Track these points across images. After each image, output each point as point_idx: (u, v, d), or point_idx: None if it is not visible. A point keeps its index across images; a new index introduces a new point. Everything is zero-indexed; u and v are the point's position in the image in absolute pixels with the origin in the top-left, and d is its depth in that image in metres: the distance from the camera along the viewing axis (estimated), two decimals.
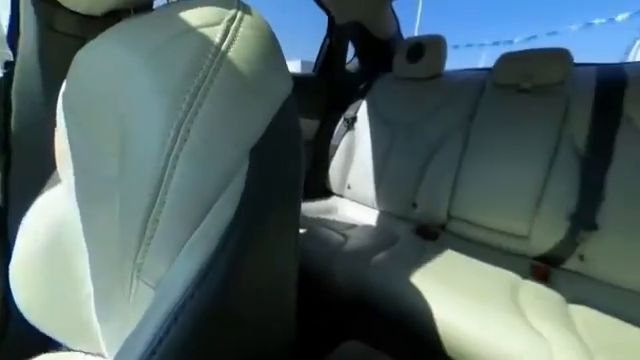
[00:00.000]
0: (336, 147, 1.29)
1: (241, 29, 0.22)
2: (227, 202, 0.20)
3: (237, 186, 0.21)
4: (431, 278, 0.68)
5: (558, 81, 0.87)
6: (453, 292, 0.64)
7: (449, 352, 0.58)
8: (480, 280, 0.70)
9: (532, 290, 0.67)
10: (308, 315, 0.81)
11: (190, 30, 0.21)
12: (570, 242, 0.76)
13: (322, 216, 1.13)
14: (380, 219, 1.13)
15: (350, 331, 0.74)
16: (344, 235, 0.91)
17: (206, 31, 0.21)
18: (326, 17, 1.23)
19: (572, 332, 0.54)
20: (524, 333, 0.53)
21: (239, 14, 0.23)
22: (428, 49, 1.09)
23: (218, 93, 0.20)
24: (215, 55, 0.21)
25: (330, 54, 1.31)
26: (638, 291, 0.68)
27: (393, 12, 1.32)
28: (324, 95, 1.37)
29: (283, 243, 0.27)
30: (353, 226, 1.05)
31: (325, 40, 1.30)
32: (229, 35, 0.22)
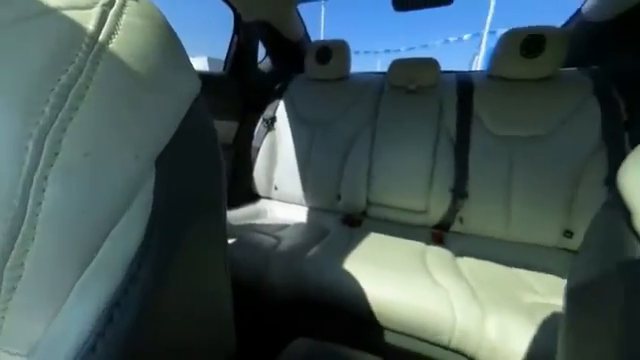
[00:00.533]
0: (258, 149, 1.26)
1: (125, 16, 0.19)
2: (132, 223, 0.17)
3: (143, 203, 0.18)
4: (359, 261, 0.76)
5: (432, 84, 1.10)
6: (378, 269, 0.72)
7: (383, 322, 0.66)
8: (397, 253, 0.82)
9: (434, 253, 0.83)
10: (252, 324, 0.77)
11: (49, 11, 0.16)
12: (453, 210, 0.98)
13: (251, 221, 1.09)
14: (310, 215, 1.17)
15: (297, 329, 0.74)
16: (276, 237, 0.90)
17: (73, 15, 0.17)
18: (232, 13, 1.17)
19: (461, 278, 0.70)
20: (431, 288, 0.65)
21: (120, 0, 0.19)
22: (335, 52, 1.18)
23: (100, 93, 0.16)
24: (90, 46, 0.16)
25: (240, 53, 1.25)
26: (499, 238, 0.94)
27: (299, 16, 1.37)
28: (239, 95, 1.31)
29: (210, 258, 0.25)
30: (285, 226, 1.05)
31: (233, 38, 1.24)
32: (107, 22, 0.18)
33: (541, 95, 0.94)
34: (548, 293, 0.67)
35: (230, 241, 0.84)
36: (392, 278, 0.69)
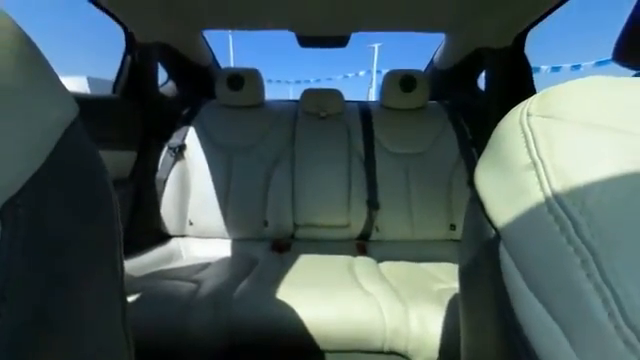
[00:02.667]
0: (165, 181, 1.09)
1: None
2: None
3: None
4: (293, 286, 0.74)
5: (339, 111, 1.24)
6: (312, 289, 0.72)
7: (323, 345, 0.65)
8: (328, 270, 0.84)
9: (361, 263, 0.90)
10: None
11: None
12: (369, 220, 1.09)
13: (162, 267, 0.91)
14: (235, 247, 1.08)
15: None
16: (195, 281, 0.78)
17: None
18: (120, 31, 1.03)
19: (384, 281, 0.78)
20: (362, 297, 0.69)
21: None
22: (247, 80, 1.19)
23: None
24: None
25: (135, 74, 1.10)
26: (407, 240, 1.10)
27: (206, 41, 1.33)
28: (136, 121, 1.12)
29: (101, 325, 0.20)
30: (205, 266, 0.92)
31: (125, 58, 1.08)
32: None
33: (418, 121, 1.20)
34: (450, 279, 0.81)
35: (133, 297, 0.67)
36: (326, 297, 0.69)
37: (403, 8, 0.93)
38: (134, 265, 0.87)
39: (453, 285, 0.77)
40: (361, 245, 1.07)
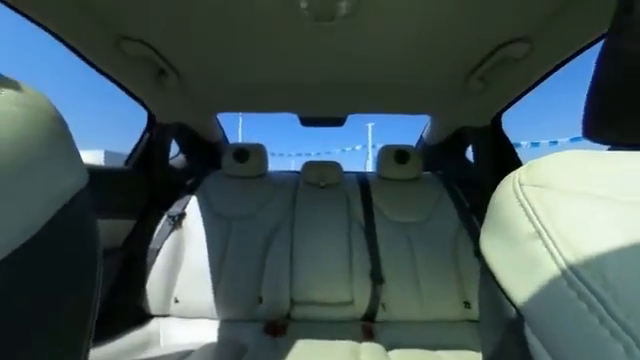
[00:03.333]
0: (157, 251, 1.05)
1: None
2: None
3: None
4: None
5: (338, 182, 1.29)
6: None
7: None
8: (329, 358, 0.71)
9: (367, 350, 0.77)
10: None
11: None
12: (374, 296, 1.00)
13: (137, 357, 0.78)
14: (223, 330, 0.94)
15: None
16: None
17: None
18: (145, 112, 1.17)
19: None
20: None
21: None
22: (252, 153, 1.28)
23: None
24: None
25: (150, 148, 1.19)
26: (417, 320, 0.97)
27: (218, 122, 1.49)
28: (141, 191, 1.16)
29: None
30: (186, 355, 0.79)
31: (144, 135, 1.20)
32: None
33: (415, 190, 1.24)
34: None
35: None
36: None
37: (391, 95, 1.09)
38: (105, 352, 0.75)
39: None
40: (367, 328, 0.94)
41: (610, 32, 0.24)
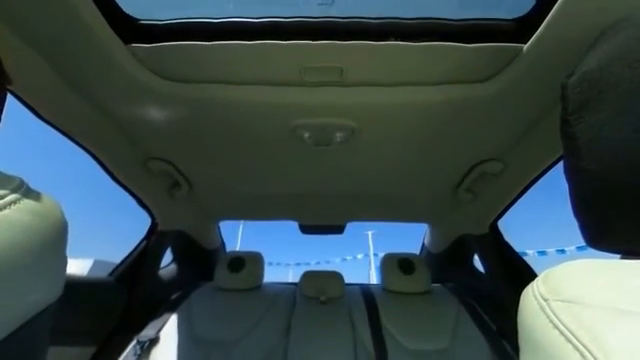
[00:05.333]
0: None
1: (9, 212, 0.18)
2: None
3: None
4: None
5: (340, 295, 1.16)
6: None
7: None
8: None
9: None
10: None
11: None
12: None
13: None
14: None
15: None
16: None
17: None
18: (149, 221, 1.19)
19: None
20: None
21: (13, 196, 0.19)
22: (248, 262, 1.22)
23: None
24: None
25: (142, 257, 1.13)
26: None
27: (219, 229, 1.50)
28: (115, 309, 1.01)
29: None
30: None
31: (141, 243, 1.17)
32: None
33: (428, 307, 1.09)
34: None
35: None
36: None
37: (388, 204, 1.15)
38: None
39: None
40: None
41: (565, 155, 0.29)
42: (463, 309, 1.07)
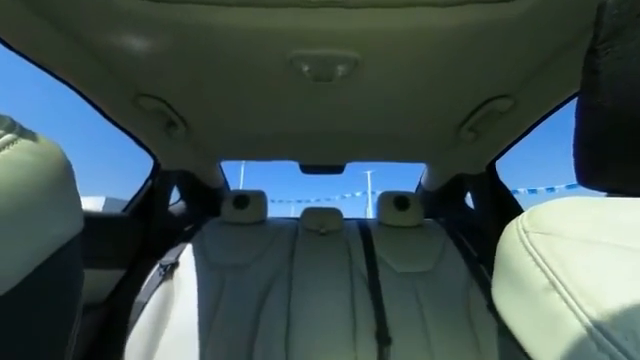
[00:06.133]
0: (143, 305, 0.96)
1: (8, 152, 0.18)
2: None
3: None
4: None
5: (338, 229, 1.27)
6: None
7: None
8: None
9: None
10: None
11: None
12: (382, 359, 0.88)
13: None
14: None
15: None
16: None
17: None
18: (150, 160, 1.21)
19: None
20: None
21: (10, 136, 0.19)
22: (252, 199, 1.29)
23: None
24: None
25: (151, 195, 1.20)
26: None
27: (221, 169, 1.54)
28: (136, 239, 1.13)
29: None
30: None
31: (147, 182, 1.22)
32: None
33: (418, 238, 1.21)
34: None
35: None
36: None
37: (388, 144, 1.14)
38: None
39: None
40: None
41: (582, 91, 0.27)
42: (450, 240, 1.18)
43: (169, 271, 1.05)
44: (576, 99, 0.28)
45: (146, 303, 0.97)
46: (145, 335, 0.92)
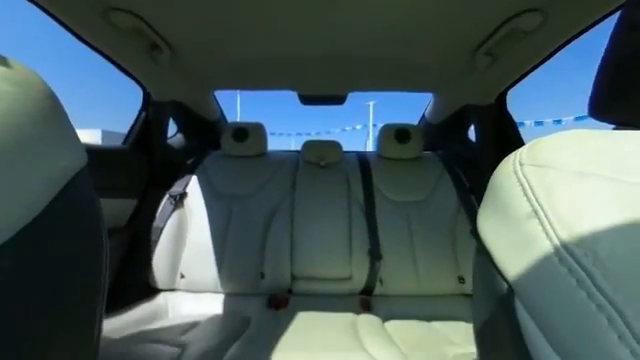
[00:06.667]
0: (161, 229, 1.07)
1: None
2: None
3: None
4: (289, 350, 0.66)
5: (338, 161, 1.29)
6: (311, 354, 0.64)
7: None
8: (329, 330, 0.76)
9: (364, 322, 0.82)
10: None
11: None
12: (373, 272, 1.03)
13: (146, 327, 0.83)
14: (228, 303, 0.99)
15: None
16: (180, 344, 0.70)
17: None
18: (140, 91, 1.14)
19: (392, 345, 0.69)
20: None
21: None
22: (251, 132, 1.27)
23: None
24: None
25: (147, 128, 1.18)
26: (413, 295, 1.02)
27: (215, 100, 1.46)
28: (142, 171, 1.16)
29: None
30: (192, 326, 0.84)
31: (140, 114, 1.17)
32: None
33: (415, 170, 1.24)
34: (465, 342, 0.73)
35: None
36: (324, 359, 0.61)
37: (393, 71, 1.05)
38: (115, 324, 0.79)
39: (469, 350, 0.69)
40: (364, 301, 0.99)
41: (627, 4, 0.23)
42: (446, 172, 1.22)
43: (179, 201, 1.13)
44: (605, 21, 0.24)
45: (163, 227, 1.07)
46: (168, 251, 1.05)
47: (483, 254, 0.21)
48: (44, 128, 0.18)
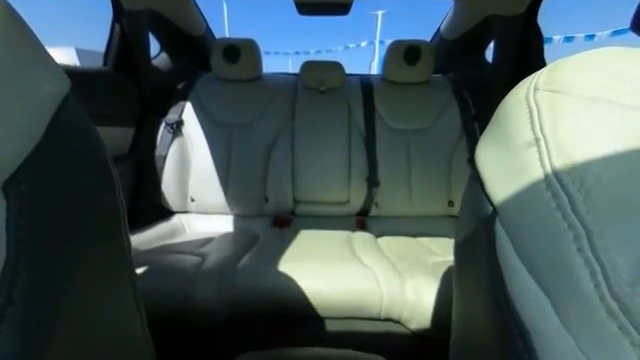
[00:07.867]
0: (164, 157, 1.09)
1: None
2: None
3: None
4: (294, 260, 0.77)
5: (340, 86, 1.20)
6: (312, 263, 0.75)
7: (323, 313, 0.69)
8: (328, 245, 0.87)
9: (359, 238, 0.92)
10: (187, 353, 0.68)
11: None
12: (369, 196, 1.11)
13: (167, 242, 0.94)
14: (237, 223, 1.10)
15: (238, 346, 0.69)
16: (200, 254, 0.81)
17: None
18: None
19: (382, 256, 0.80)
20: (360, 271, 0.72)
21: None
22: (244, 51, 1.13)
23: None
24: None
25: (126, 46, 1.05)
26: (405, 215, 1.12)
27: (198, 9, 1.25)
28: (133, 96, 1.10)
29: (110, 288, 0.21)
30: (209, 241, 0.95)
31: (113, 27, 1.02)
32: None
33: (422, 95, 1.16)
34: (445, 253, 0.84)
35: (141, 269, 0.70)
36: (326, 270, 0.73)
37: None
38: (139, 240, 0.90)
39: (448, 258, 0.80)
40: (360, 221, 1.09)
41: None
42: (453, 98, 1.15)
43: (177, 129, 1.11)
44: None
45: (166, 155, 1.09)
46: (175, 177, 1.10)
47: (475, 180, 0.21)
48: (14, 51, 0.16)
